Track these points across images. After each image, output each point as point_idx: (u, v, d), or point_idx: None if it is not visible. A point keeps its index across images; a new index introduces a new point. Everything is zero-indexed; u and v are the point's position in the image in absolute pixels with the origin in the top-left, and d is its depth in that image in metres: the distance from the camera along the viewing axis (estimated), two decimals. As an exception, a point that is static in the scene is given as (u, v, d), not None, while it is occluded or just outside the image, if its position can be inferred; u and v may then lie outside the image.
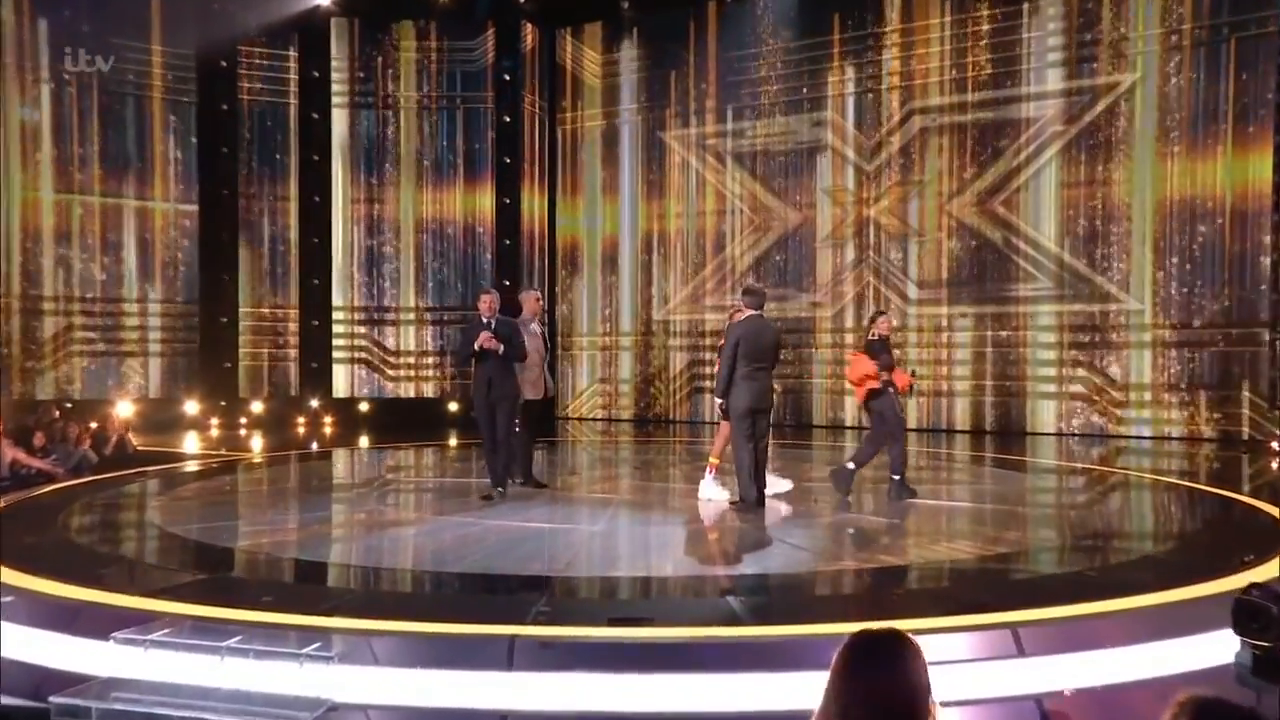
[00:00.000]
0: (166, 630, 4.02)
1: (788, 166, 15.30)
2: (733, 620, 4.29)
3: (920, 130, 14.35)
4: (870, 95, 14.78)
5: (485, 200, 15.77)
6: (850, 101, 14.91)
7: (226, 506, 7.64)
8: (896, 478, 7.36)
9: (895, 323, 14.37)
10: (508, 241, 15.68)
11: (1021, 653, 3.99)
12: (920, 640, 4.04)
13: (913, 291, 14.48)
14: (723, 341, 6.79)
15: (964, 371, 14.21)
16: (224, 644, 3.84)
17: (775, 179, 15.40)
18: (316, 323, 15.29)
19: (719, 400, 6.78)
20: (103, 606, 4.40)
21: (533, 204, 16.29)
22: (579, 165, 16.79)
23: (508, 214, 15.68)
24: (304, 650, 3.79)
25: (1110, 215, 13.20)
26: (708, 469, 7.55)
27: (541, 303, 7.99)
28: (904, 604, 4.69)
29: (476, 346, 7.01)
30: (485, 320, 7.12)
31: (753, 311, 6.65)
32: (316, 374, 15.33)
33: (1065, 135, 13.42)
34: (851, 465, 7.39)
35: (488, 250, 15.81)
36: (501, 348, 7.08)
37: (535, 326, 7.92)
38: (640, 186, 16.35)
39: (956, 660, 3.90)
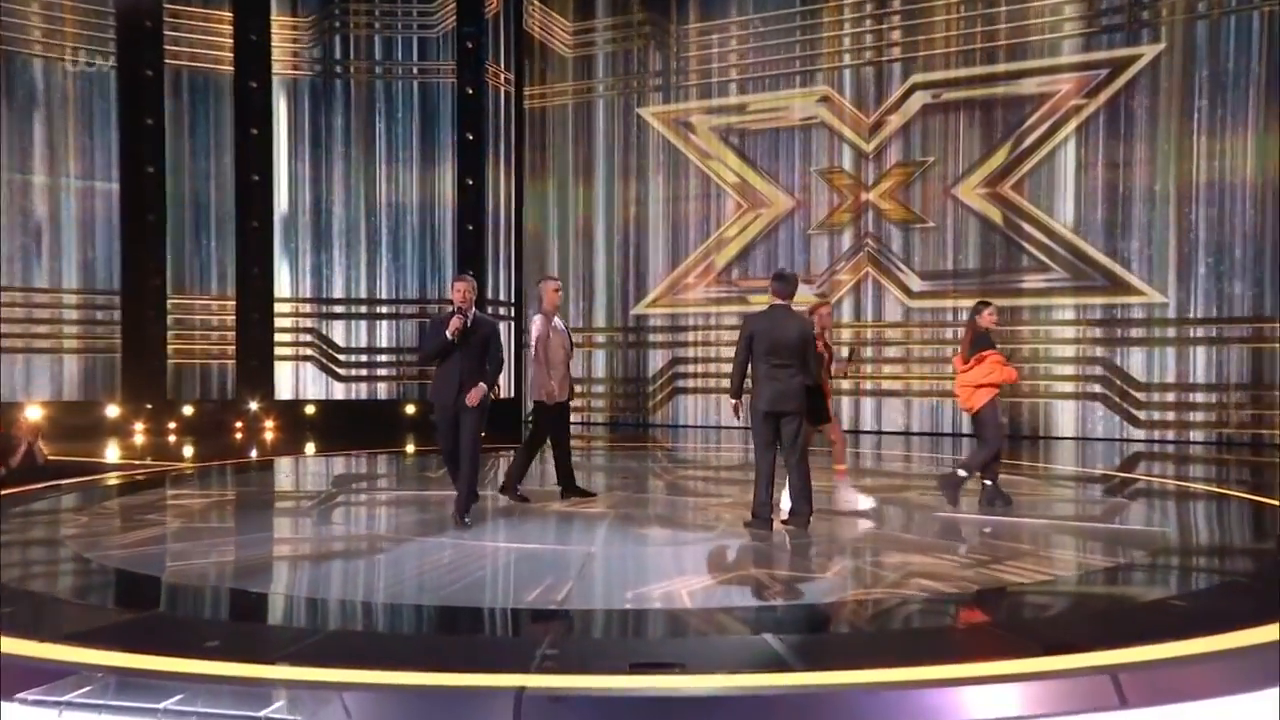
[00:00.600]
0: (86, 688, 3.46)
1: (779, 146, 15.02)
2: (778, 665, 3.83)
3: (924, 107, 14.11)
4: (870, 68, 14.50)
5: (445, 182, 15.30)
6: (847, 75, 14.63)
7: (155, 527, 7.02)
8: (964, 474, 7.41)
9: (898, 317, 14.21)
10: (470, 227, 15.22)
11: (1124, 703, 3.58)
12: (1007, 690, 3.65)
13: (915, 283, 14.26)
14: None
15: (972, 370, 13.97)
16: (160, 705, 3.31)
17: (765, 160, 15.11)
18: (256, 316, 14.72)
19: (731, 401, 6.53)
20: (4, 657, 3.82)
21: (498, 186, 15.83)
22: (549, 144, 16.37)
23: (470, 197, 15.22)
24: (262, 712, 3.26)
25: (1131, 199, 13.02)
26: (837, 477, 7.65)
27: (561, 293, 7.75)
28: (978, 643, 4.27)
29: (450, 335, 6.48)
30: (459, 310, 6.61)
31: (777, 301, 6.37)
32: (257, 373, 14.76)
33: (1083, 112, 13.23)
34: (963, 473, 7.46)
35: (448, 237, 15.32)
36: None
37: (559, 321, 7.64)
38: (617, 168, 16.00)
39: (1054, 715, 3.48)
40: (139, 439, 13.39)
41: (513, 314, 15.70)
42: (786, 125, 14.95)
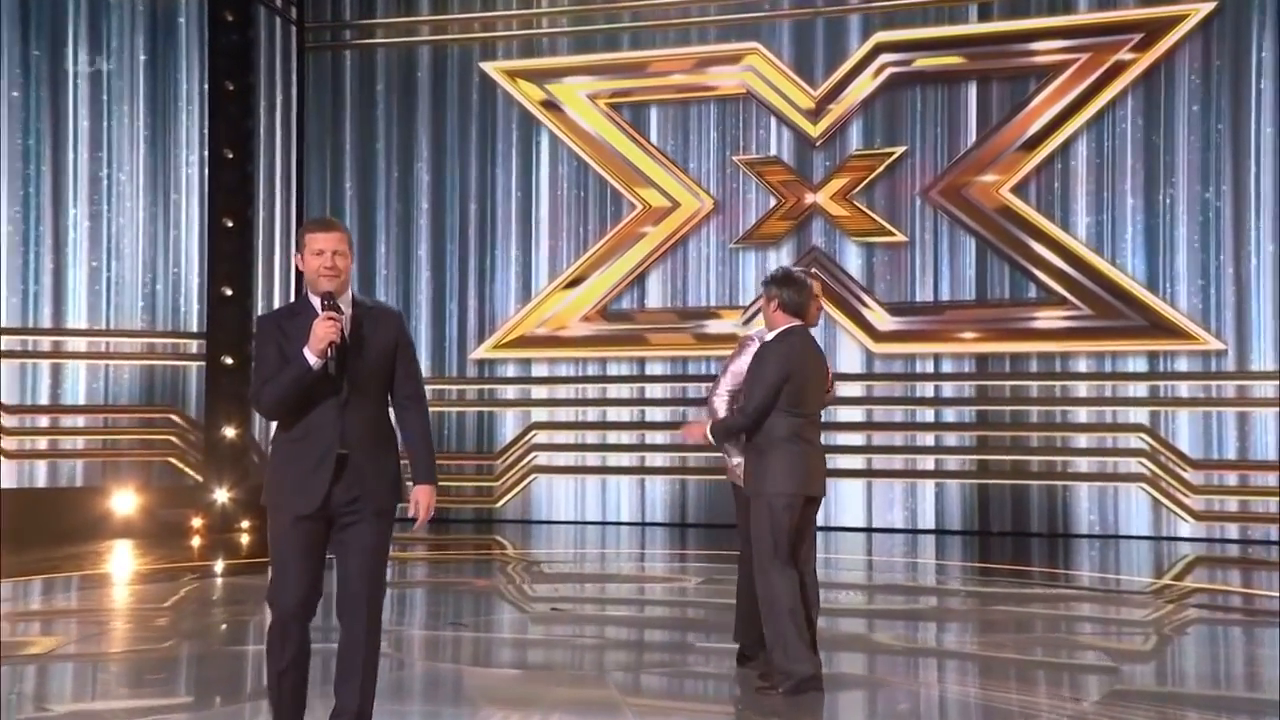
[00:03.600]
0: None
1: (689, 125, 13.33)
2: None
3: (892, 76, 12.68)
4: (820, 23, 13.00)
5: (189, 152, 13.06)
6: (786, 29, 13.07)
7: None
8: None
9: (857, 367, 12.95)
10: (230, 223, 12.95)
11: None
12: None
13: (881, 320, 12.56)
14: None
15: (959, 442, 12.53)
16: None
17: (669, 144, 13.34)
18: None
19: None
20: None
21: (272, 163, 13.69)
22: (348, 105, 14.02)
23: (229, 177, 13.06)
24: None
25: (1175, 209, 11.85)
26: None
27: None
28: None
29: (317, 357, 3.83)
30: (329, 301, 3.89)
31: (795, 323, 5.33)
32: None
33: (1110, 89, 12.02)
34: None
35: (194, 236, 12.98)
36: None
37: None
38: (450, 147, 13.83)
39: None
40: None
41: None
42: (700, 96, 13.25)
